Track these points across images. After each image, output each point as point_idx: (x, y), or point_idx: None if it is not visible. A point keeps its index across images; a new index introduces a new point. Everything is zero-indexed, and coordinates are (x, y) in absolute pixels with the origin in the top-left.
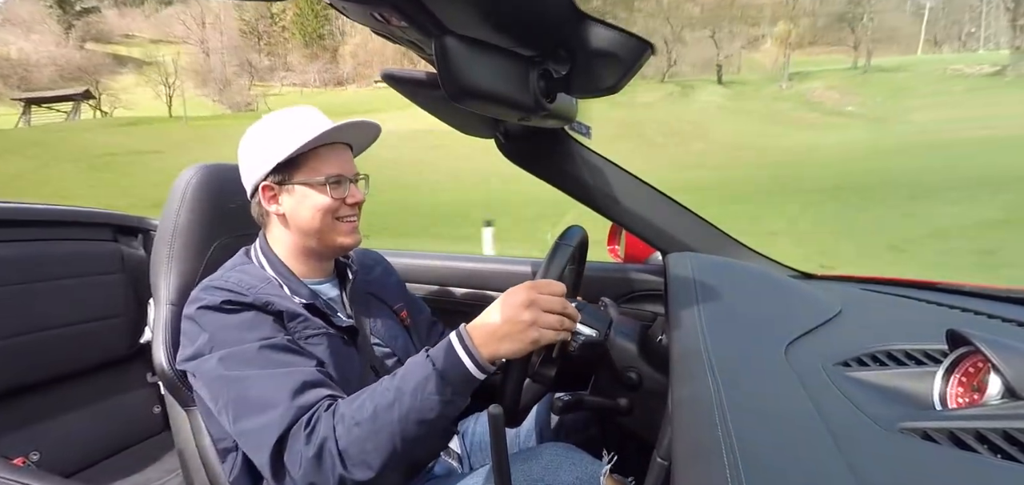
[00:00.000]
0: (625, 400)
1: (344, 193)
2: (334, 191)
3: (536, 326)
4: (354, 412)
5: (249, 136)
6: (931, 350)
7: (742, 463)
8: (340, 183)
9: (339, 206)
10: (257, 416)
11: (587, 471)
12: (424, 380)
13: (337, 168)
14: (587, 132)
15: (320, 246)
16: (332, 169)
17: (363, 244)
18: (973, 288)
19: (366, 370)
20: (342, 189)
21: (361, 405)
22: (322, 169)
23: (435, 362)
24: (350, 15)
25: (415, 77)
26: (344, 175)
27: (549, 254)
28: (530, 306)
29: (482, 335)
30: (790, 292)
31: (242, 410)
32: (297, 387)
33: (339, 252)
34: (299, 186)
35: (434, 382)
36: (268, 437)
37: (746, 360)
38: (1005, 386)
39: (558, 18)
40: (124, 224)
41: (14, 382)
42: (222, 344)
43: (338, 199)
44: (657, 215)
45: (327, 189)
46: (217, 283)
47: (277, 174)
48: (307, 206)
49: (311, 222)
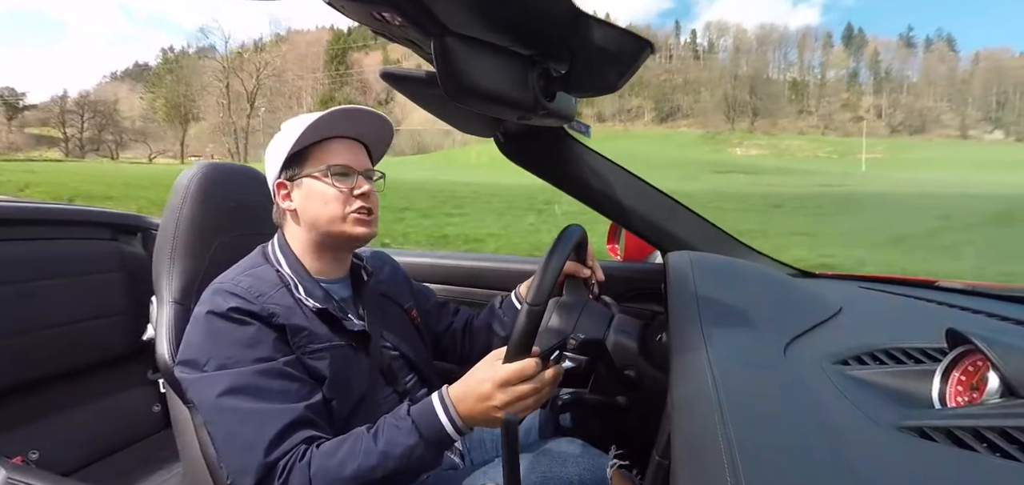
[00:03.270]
0: (624, 398)
1: (351, 184)
2: (339, 182)
3: (509, 407)
4: (333, 468)
5: (273, 141)
6: (930, 349)
7: (741, 461)
8: (346, 175)
9: (346, 198)
10: (238, 457)
11: (593, 465)
12: (410, 447)
13: (343, 159)
14: (587, 131)
15: (329, 239)
16: (337, 159)
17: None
18: (972, 287)
19: (374, 375)
20: (348, 180)
21: (341, 462)
22: (326, 159)
23: (420, 428)
24: (349, 14)
25: (414, 76)
26: (351, 166)
27: (545, 260)
28: (503, 389)
29: (463, 406)
30: (789, 291)
31: (225, 445)
32: (280, 430)
33: (349, 244)
34: (307, 179)
35: (420, 449)
36: (246, 482)
37: (745, 358)
38: (1004, 384)
39: (557, 17)
40: (123, 223)
41: (13, 381)
42: (220, 359)
43: (343, 190)
44: (656, 214)
45: (331, 179)
46: (228, 287)
47: (288, 170)
48: (314, 198)
49: (319, 214)
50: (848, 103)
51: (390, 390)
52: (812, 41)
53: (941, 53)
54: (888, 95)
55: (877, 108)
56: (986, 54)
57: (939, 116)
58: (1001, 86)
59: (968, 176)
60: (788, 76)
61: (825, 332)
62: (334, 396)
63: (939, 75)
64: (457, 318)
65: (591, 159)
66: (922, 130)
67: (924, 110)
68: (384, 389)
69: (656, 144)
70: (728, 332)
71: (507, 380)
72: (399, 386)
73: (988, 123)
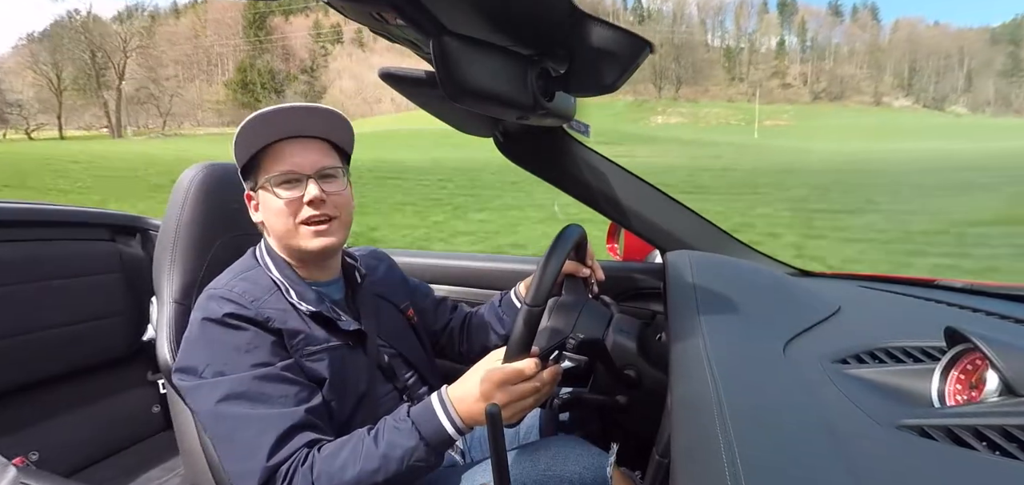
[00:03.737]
0: (624, 397)
1: (299, 192)
2: (286, 190)
3: (509, 407)
4: (334, 471)
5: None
6: (929, 347)
7: (740, 460)
8: (292, 182)
9: (297, 208)
10: (239, 462)
11: (593, 463)
12: (411, 449)
13: (287, 165)
14: (586, 131)
15: (291, 252)
16: (281, 166)
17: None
18: (971, 285)
19: (372, 373)
20: (296, 188)
21: (342, 465)
22: (272, 168)
23: (421, 429)
24: (348, 14)
25: (413, 76)
26: (296, 171)
27: (544, 260)
28: (502, 388)
29: (463, 406)
30: (789, 290)
31: (227, 451)
32: (280, 435)
33: (312, 258)
34: (261, 191)
35: (421, 450)
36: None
37: (745, 357)
38: (1003, 383)
39: (556, 17)
40: (122, 224)
41: (13, 382)
42: (218, 366)
43: (292, 199)
44: (656, 213)
45: (277, 189)
46: (223, 292)
47: (248, 180)
48: (268, 211)
49: (274, 227)
50: (778, 70)
51: (389, 387)
52: (749, 9)
53: (864, 22)
54: (814, 63)
55: (804, 75)
56: (904, 23)
57: (859, 84)
58: (913, 55)
59: (851, 144)
60: (723, 43)
61: (824, 331)
62: (334, 396)
63: (862, 43)
64: (455, 316)
65: (590, 159)
66: (841, 97)
67: (845, 77)
68: (384, 386)
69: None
70: (728, 331)
71: (506, 379)
72: (398, 383)
73: (900, 90)
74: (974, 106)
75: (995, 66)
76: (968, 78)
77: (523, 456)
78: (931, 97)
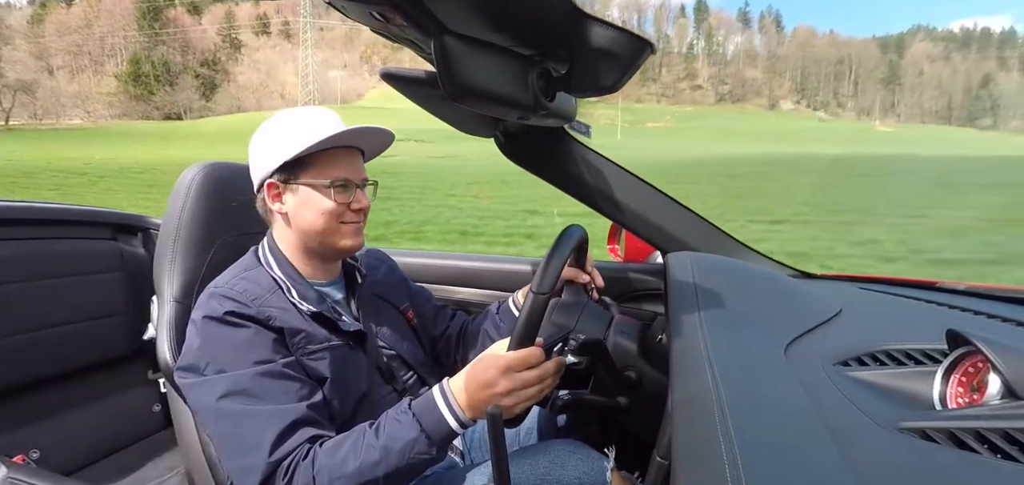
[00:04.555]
0: (625, 399)
1: (349, 198)
2: (339, 195)
3: (513, 394)
4: (335, 465)
5: (261, 131)
6: (931, 350)
7: (741, 462)
8: (346, 187)
9: (343, 211)
10: (241, 457)
11: (593, 466)
12: (412, 441)
13: (345, 172)
14: (587, 131)
15: (321, 248)
16: (340, 173)
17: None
18: (973, 288)
19: (372, 373)
20: (347, 194)
21: (343, 458)
22: (329, 172)
23: (421, 422)
24: (350, 14)
25: (414, 76)
26: (351, 179)
27: (548, 254)
28: (507, 375)
29: (464, 396)
30: (790, 291)
31: (228, 448)
32: (282, 430)
33: (341, 255)
34: (304, 186)
35: (422, 442)
36: (250, 482)
37: (746, 359)
38: (1005, 386)
39: (557, 17)
40: (123, 223)
41: (14, 380)
42: (219, 364)
43: (342, 203)
44: (657, 214)
45: (332, 192)
46: (223, 290)
47: (283, 172)
48: (311, 207)
49: (313, 224)
50: (689, 73)
51: (389, 388)
52: (667, 14)
53: (768, 28)
54: (723, 66)
55: (712, 78)
56: (802, 30)
57: (760, 87)
58: (805, 61)
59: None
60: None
61: (825, 333)
62: (334, 396)
63: (763, 48)
64: (453, 323)
65: (591, 159)
66: (743, 99)
67: (747, 81)
68: (383, 387)
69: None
70: (729, 333)
71: (511, 366)
72: (398, 384)
73: (794, 94)
74: (859, 111)
75: (877, 75)
76: (854, 84)
77: (522, 459)
78: (818, 101)
